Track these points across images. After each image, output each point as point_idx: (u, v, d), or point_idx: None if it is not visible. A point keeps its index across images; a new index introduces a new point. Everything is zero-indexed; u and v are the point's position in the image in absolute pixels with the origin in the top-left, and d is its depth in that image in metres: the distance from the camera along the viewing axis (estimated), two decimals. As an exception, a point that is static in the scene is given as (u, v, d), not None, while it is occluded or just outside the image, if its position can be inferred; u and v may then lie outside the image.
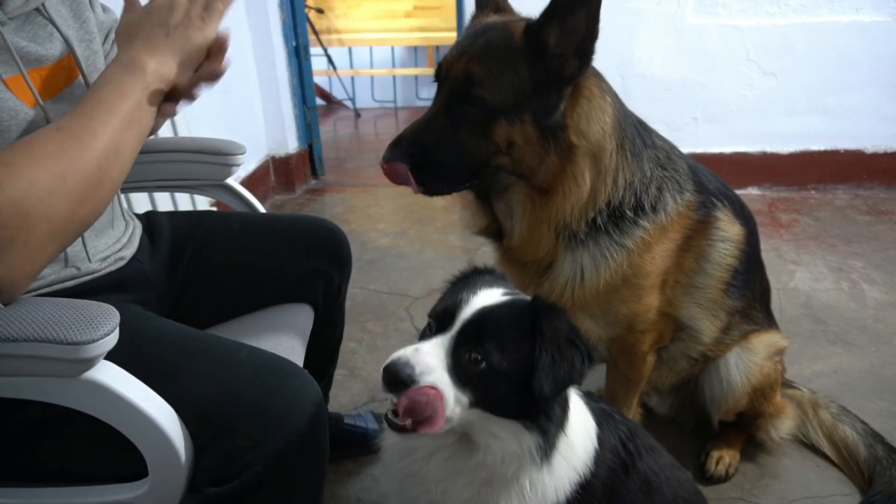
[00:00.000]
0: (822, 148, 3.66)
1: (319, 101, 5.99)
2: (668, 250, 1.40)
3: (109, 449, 0.95)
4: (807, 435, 1.82)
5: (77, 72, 1.09)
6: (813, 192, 3.71)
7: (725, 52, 3.47)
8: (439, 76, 1.30)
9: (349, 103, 6.22)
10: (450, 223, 3.42)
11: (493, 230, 1.43)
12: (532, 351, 0.87)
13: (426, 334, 0.93)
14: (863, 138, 3.61)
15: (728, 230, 1.48)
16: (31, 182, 0.79)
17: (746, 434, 1.79)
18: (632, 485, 1.09)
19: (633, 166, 1.33)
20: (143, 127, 0.93)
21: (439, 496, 0.97)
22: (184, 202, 2.46)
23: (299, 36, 3.70)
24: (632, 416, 1.62)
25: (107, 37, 1.24)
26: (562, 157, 1.24)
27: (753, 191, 3.73)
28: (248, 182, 3.42)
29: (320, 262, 1.44)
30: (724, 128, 3.64)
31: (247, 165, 3.49)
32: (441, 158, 1.26)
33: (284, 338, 1.30)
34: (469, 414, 0.90)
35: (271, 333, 1.30)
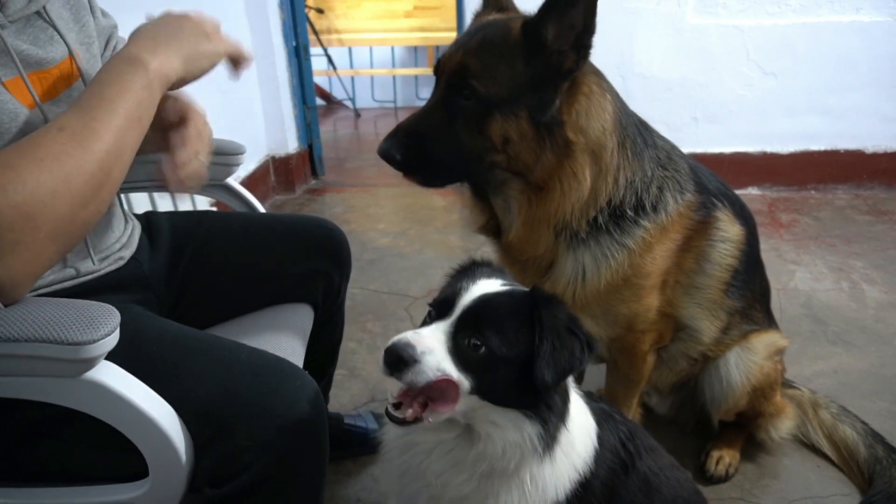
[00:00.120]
0: (822, 148, 3.66)
1: (319, 101, 5.99)
2: (669, 250, 1.40)
3: (109, 449, 0.95)
4: (807, 435, 1.82)
5: (77, 75, 1.09)
6: (813, 192, 3.71)
7: (725, 52, 3.47)
8: (438, 70, 1.30)
9: (349, 103, 6.22)
10: (450, 223, 3.42)
11: (492, 227, 1.43)
12: (531, 339, 0.88)
13: (426, 322, 0.94)
14: (863, 138, 3.61)
15: (728, 230, 1.48)
16: (35, 185, 0.79)
17: (746, 434, 1.79)
18: (631, 485, 1.09)
19: (635, 165, 1.33)
20: (144, 126, 0.93)
21: (440, 490, 0.97)
22: (184, 202, 2.46)
23: (299, 36, 3.70)
24: (632, 416, 1.62)
25: (107, 42, 1.24)
26: (558, 154, 1.24)
27: (753, 191, 3.73)
28: (248, 182, 3.42)
29: (320, 262, 1.44)
30: (724, 128, 3.64)
31: (247, 165, 3.49)
32: (435, 151, 1.27)
33: (284, 338, 1.30)
34: (469, 401, 0.90)
35: (271, 333, 1.31)
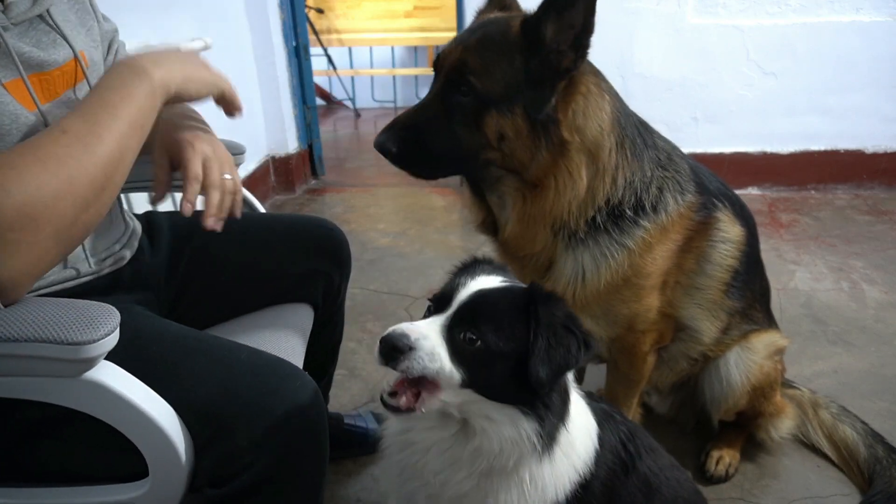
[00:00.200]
0: (822, 148, 3.66)
1: (319, 101, 5.99)
2: (669, 251, 1.40)
3: (109, 449, 0.95)
4: (807, 435, 1.82)
5: (79, 77, 1.09)
6: (813, 192, 3.71)
7: (725, 52, 3.47)
8: (437, 66, 1.31)
9: (349, 103, 6.22)
10: (450, 223, 3.42)
11: (489, 223, 1.44)
12: (527, 335, 0.88)
13: (425, 317, 0.94)
14: (863, 138, 3.61)
15: (729, 231, 1.48)
16: (38, 186, 0.79)
17: (746, 434, 1.79)
18: (632, 486, 1.09)
19: (634, 165, 1.33)
20: (145, 133, 0.94)
21: (438, 488, 0.96)
22: (184, 202, 2.45)
23: (299, 36, 3.70)
24: (632, 416, 1.62)
25: (109, 47, 1.25)
26: (554, 153, 1.25)
27: (753, 191, 3.73)
28: (248, 182, 3.42)
29: (320, 262, 1.44)
30: (724, 128, 3.64)
31: (247, 165, 3.49)
32: (431, 145, 1.28)
33: (284, 338, 1.30)
34: (464, 394, 0.90)
35: (271, 333, 1.30)
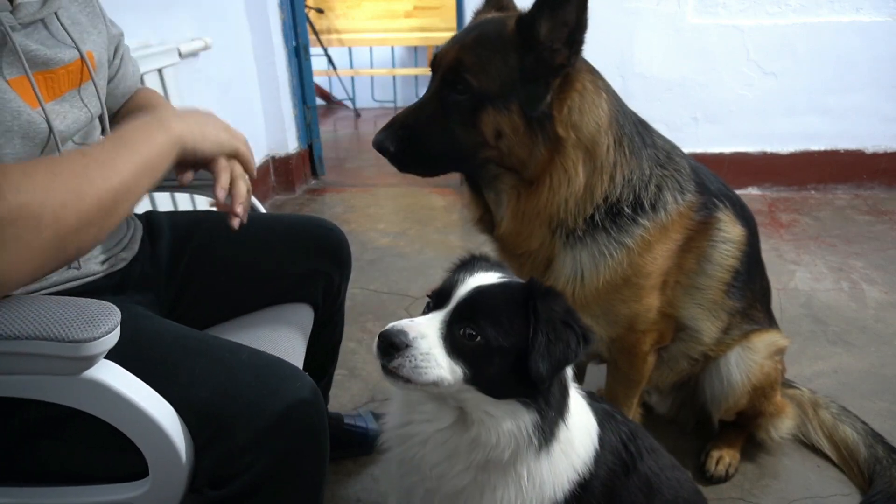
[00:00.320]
0: (822, 148, 3.66)
1: (319, 101, 6.00)
2: (669, 250, 1.40)
3: (109, 448, 0.95)
4: (807, 435, 1.82)
5: (84, 77, 1.10)
6: (813, 192, 3.71)
7: (725, 52, 3.47)
8: (434, 65, 1.32)
9: (349, 103, 6.22)
10: (450, 223, 3.42)
11: (487, 221, 1.44)
12: (527, 331, 0.88)
13: (425, 313, 0.95)
14: (863, 138, 3.61)
15: (729, 231, 1.48)
16: (46, 191, 0.80)
17: (746, 434, 1.79)
18: (632, 486, 1.09)
19: (633, 163, 1.33)
20: (156, 177, 0.96)
21: (435, 483, 0.96)
22: (184, 202, 2.46)
23: (299, 36, 3.70)
24: (632, 416, 1.62)
25: (115, 51, 1.26)
26: (550, 149, 1.25)
27: (753, 191, 3.73)
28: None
29: (320, 262, 1.44)
30: (724, 128, 3.64)
31: (247, 165, 3.48)
32: (429, 143, 1.29)
33: (284, 338, 1.30)
34: (464, 390, 0.90)
35: (271, 334, 1.30)
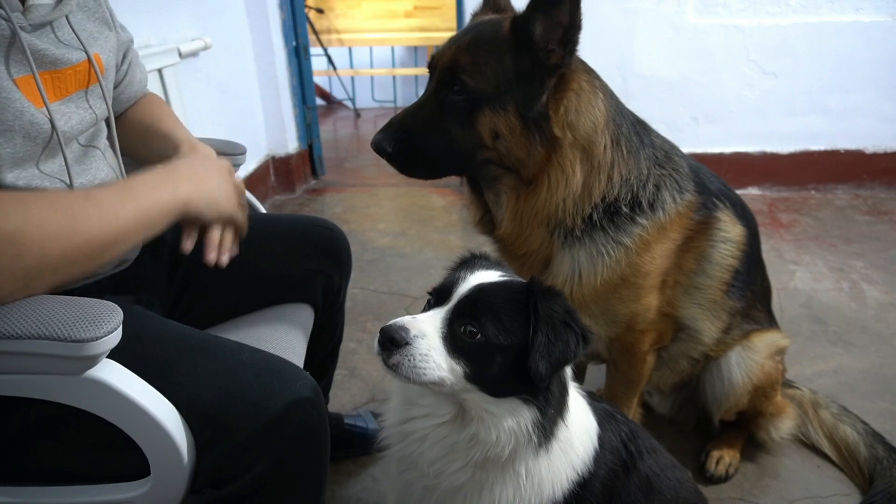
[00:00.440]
0: (822, 148, 3.66)
1: (319, 101, 6.00)
2: (668, 250, 1.40)
3: (110, 448, 0.95)
4: (807, 435, 1.82)
5: (92, 80, 1.10)
6: (813, 192, 3.71)
7: (725, 52, 3.47)
8: (431, 66, 1.32)
9: (349, 103, 6.22)
10: (450, 223, 3.43)
11: (488, 222, 1.45)
12: (527, 329, 0.88)
13: (425, 310, 0.95)
14: (863, 138, 3.62)
15: (729, 231, 1.48)
16: (39, 223, 0.80)
17: (747, 434, 1.79)
18: (632, 486, 1.09)
19: (630, 163, 1.33)
20: (151, 234, 0.97)
21: (434, 479, 0.97)
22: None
23: (299, 36, 3.70)
24: (632, 417, 1.62)
25: (124, 57, 1.26)
26: (547, 149, 1.25)
27: (753, 191, 3.73)
28: (248, 182, 3.42)
29: (320, 263, 1.44)
30: (724, 128, 3.64)
31: (247, 165, 3.49)
32: (426, 144, 1.29)
33: (284, 338, 1.30)
34: (466, 389, 0.90)
35: (271, 334, 1.31)
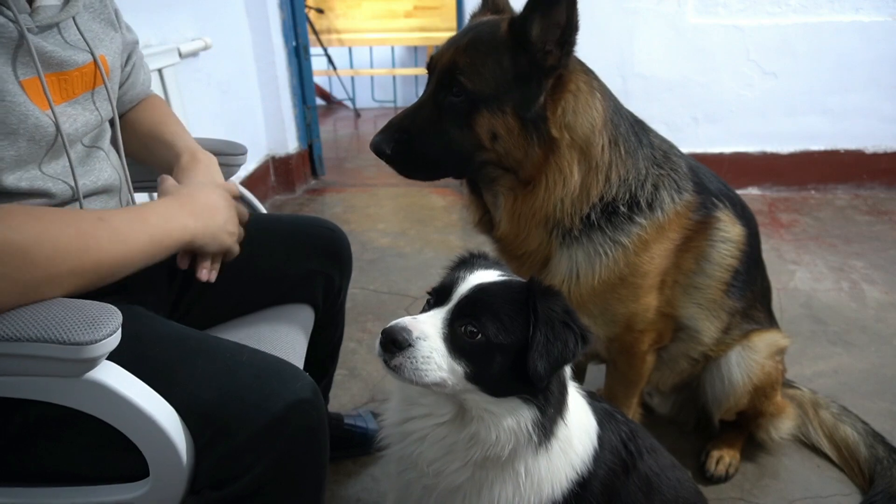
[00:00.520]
0: (822, 148, 3.66)
1: (319, 101, 6.00)
2: (667, 250, 1.40)
3: (110, 449, 0.95)
4: (807, 435, 1.82)
5: (98, 81, 1.10)
6: (813, 192, 3.71)
7: (725, 52, 3.47)
8: (430, 67, 1.33)
9: (349, 103, 6.22)
10: (450, 223, 3.43)
11: (487, 222, 1.45)
12: (526, 329, 0.89)
13: (425, 309, 0.95)
14: (863, 138, 3.62)
15: (729, 231, 1.48)
16: (55, 239, 0.83)
17: (747, 434, 1.79)
18: (632, 486, 1.09)
19: (628, 163, 1.33)
20: (153, 262, 1.00)
21: (433, 479, 0.97)
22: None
23: (299, 36, 3.70)
24: (632, 416, 1.62)
25: (128, 58, 1.25)
26: (545, 150, 1.26)
27: (753, 191, 3.73)
28: (248, 182, 3.42)
29: (320, 263, 1.44)
30: (724, 128, 3.64)
31: (247, 165, 3.49)
32: (425, 146, 1.29)
33: (285, 338, 1.30)
34: (467, 390, 0.90)
35: (271, 334, 1.31)
